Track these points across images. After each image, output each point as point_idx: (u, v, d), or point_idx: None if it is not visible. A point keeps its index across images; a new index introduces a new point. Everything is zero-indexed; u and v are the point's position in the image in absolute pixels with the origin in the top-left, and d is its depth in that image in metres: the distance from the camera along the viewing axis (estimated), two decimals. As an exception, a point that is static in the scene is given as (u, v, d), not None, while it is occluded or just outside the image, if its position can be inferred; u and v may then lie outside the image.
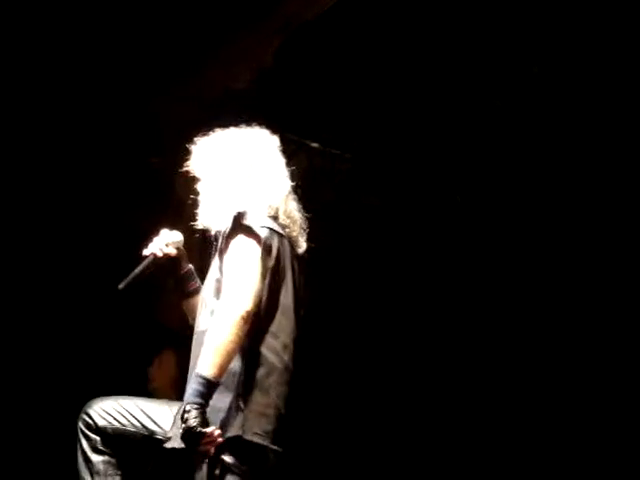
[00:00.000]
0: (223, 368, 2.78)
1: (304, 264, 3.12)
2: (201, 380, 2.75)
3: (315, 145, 4.53)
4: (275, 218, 3.05)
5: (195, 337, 3.05)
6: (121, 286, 3.07)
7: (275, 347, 2.94)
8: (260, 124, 3.20)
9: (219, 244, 3.00)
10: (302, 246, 3.13)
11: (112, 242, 4.74)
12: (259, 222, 2.96)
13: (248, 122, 3.19)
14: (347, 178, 4.87)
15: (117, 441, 3.07)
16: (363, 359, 5.03)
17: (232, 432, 2.83)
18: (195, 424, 2.72)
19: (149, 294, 4.50)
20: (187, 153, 3.18)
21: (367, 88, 5.00)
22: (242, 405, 2.86)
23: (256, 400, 2.88)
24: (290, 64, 4.97)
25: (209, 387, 2.76)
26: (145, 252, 3.17)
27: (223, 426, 2.82)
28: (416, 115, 5.03)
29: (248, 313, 2.81)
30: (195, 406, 2.74)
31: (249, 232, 2.93)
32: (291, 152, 3.23)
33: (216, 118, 3.31)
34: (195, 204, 3.17)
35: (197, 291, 3.22)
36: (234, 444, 2.84)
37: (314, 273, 3.15)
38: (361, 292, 5.11)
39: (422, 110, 5.03)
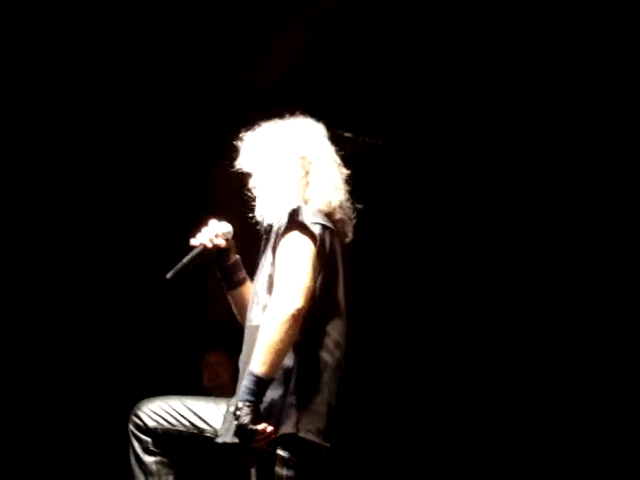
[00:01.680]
0: (275, 366, 2.78)
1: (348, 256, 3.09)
2: (253, 378, 2.76)
3: (348, 135, 4.50)
4: (329, 213, 3.03)
5: (247, 332, 3.04)
6: (169, 275, 3.05)
7: (328, 344, 2.93)
8: (301, 114, 3.17)
9: (272, 239, 2.98)
10: (349, 237, 3.11)
11: (161, 235, 4.74)
12: (313, 218, 2.94)
13: (290, 113, 3.17)
14: (381, 166, 4.84)
15: (168, 441, 3.07)
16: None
17: (286, 429, 2.82)
18: (247, 421, 2.72)
19: (198, 289, 4.52)
20: (233, 150, 3.16)
21: (397, 74, 4.98)
22: (296, 402, 2.85)
23: (310, 397, 2.87)
24: (319, 56, 4.96)
25: (261, 385, 2.76)
26: (194, 242, 3.15)
27: (277, 423, 2.82)
28: (446, 101, 5.00)
29: (299, 311, 2.80)
30: (247, 403, 2.74)
31: (303, 229, 2.91)
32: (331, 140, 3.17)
33: (251, 115, 3.27)
34: (246, 199, 3.15)
35: (243, 282, 3.21)
36: (288, 441, 2.83)
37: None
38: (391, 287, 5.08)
39: (451, 96, 5.00)
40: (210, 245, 3.14)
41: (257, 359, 2.76)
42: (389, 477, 4.89)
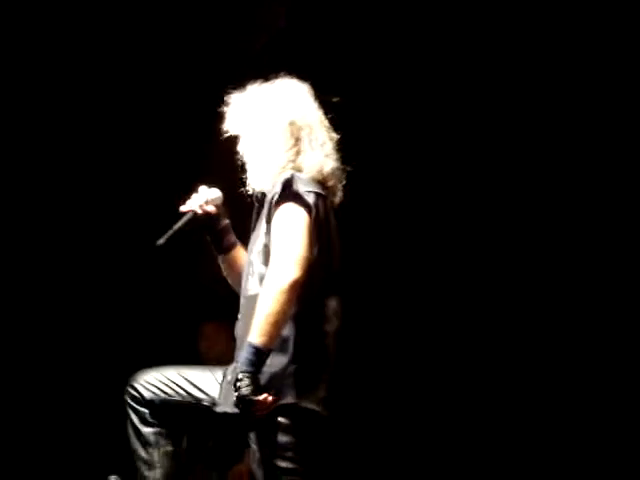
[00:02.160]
0: (274, 337, 2.77)
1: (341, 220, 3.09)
2: (252, 349, 2.75)
3: (336, 99, 4.46)
4: (322, 180, 3.01)
5: (244, 302, 3.03)
6: (160, 242, 3.04)
7: (326, 313, 2.94)
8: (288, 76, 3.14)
9: (266, 209, 2.97)
10: (338, 199, 3.10)
11: (153, 202, 4.71)
12: (307, 187, 2.93)
13: (277, 75, 3.14)
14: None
15: (165, 411, 3.07)
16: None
17: (287, 399, 2.83)
18: (248, 392, 2.73)
19: (191, 257, 4.50)
20: (220, 115, 3.13)
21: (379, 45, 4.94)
22: (296, 372, 2.85)
23: (310, 367, 2.88)
24: (302, 24, 4.92)
25: (260, 355, 2.76)
26: (183, 209, 3.14)
27: (278, 392, 2.82)
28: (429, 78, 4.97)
29: (297, 281, 2.79)
30: (247, 374, 2.74)
31: (298, 199, 2.90)
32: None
33: (237, 79, 3.24)
34: (236, 168, 3.14)
35: (234, 246, 3.20)
36: (289, 409, 2.84)
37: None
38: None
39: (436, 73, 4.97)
40: (200, 212, 3.13)
41: (256, 330, 2.76)
42: (387, 448, 4.88)
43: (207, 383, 3.06)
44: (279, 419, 2.83)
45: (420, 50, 4.88)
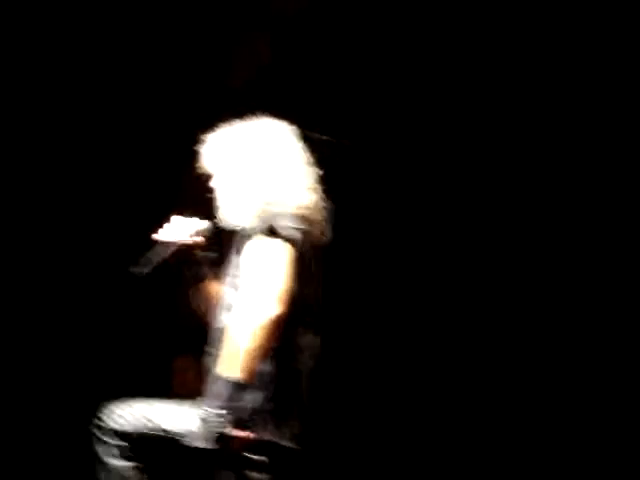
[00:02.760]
0: (253, 372, 2.76)
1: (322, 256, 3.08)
2: (230, 384, 2.74)
3: (316, 135, 4.48)
4: (303, 215, 3.01)
5: (215, 334, 3.02)
6: (144, 270, 3.02)
7: (303, 352, 2.96)
8: (265, 116, 3.16)
9: (240, 242, 2.97)
10: (325, 238, 3.10)
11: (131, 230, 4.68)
12: (287, 222, 2.93)
13: (254, 115, 3.15)
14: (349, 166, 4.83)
15: (137, 444, 3.04)
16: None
17: (265, 436, 2.83)
18: (224, 427, 2.71)
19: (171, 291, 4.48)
20: (197, 152, 3.14)
21: (363, 76, 4.97)
22: (274, 408, 2.85)
23: (286, 404, 2.89)
24: (286, 59, 4.94)
25: (238, 390, 2.74)
26: (165, 237, 3.12)
27: (255, 429, 2.81)
28: (416, 105, 4.99)
29: (279, 317, 2.79)
30: (224, 409, 2.72)
31: (279, 234, 2.90)
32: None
33: (217, 116, 3.25)
34: (208, 200, 3.13)
35: (209, 278, 3.19)
36: (265, 446, 2.84)
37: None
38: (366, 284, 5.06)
39: (421, 101, 4.99)
40: (191, 243, 3.13)
41: (235, 364, 2.74)
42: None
43: (180, 417, 3.03)
44: (254, 456, 2.82)
45: (408, 89, 4.90)
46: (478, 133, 4.92)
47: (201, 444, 2.83)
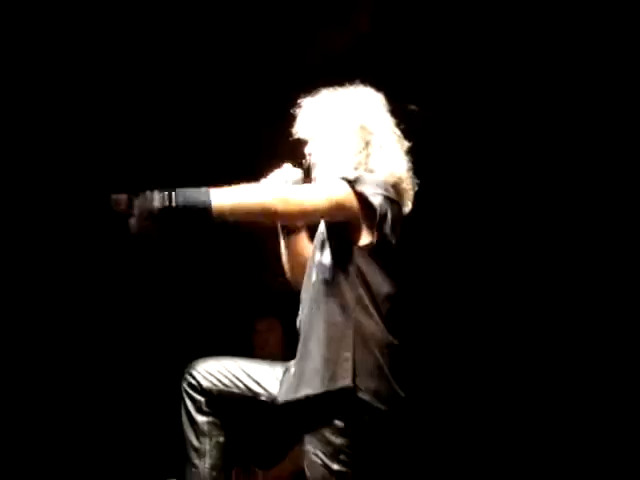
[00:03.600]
0: (221, 213, 2.68)
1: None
2: (207, 195, 2.67)
3: (414, 108, 4.48)
4: (394, 183, 3.01)
5: (305, 295, 3.05)
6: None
7: (378, 315, 2.93)
8: (363, 83, 3.17)
9: None
10: (409, 207, 3.10)
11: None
12: (376, 189, 2.92)
13: (351, 83, 3.17)
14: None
15: (221, 402, 3.10)
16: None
17: (343, 382, 2.84)
18: (155, 204, 2.62)
19: (254, 255, 4.52)
20: (292, 117, 3.16)
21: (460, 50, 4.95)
22: (352, 357, 2.86)
23: (363, 359, 2.88)
24: (387, 29, 4.94)
25: (199, 200, 2.66)
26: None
27: (333, 377, 2.84)
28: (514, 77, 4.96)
29: (278, 215, 2.78)
30: (167, 195, 2.64)
31: (360, 198, 2.89)
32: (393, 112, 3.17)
33: (317, 83, 3.27)
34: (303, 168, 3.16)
35: (299, 231, 3.20)
36: (344, 397, 2.85)
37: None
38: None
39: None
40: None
41: (227, 198, 2.68)
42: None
43: (265, 377, 3.09)
44: (336, 421, 2.85)
45: (499, 63, 4.87)
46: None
47: (284, 397, 2.90)
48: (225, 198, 2.70)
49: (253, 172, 3.08)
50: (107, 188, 2.74)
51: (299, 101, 3.17)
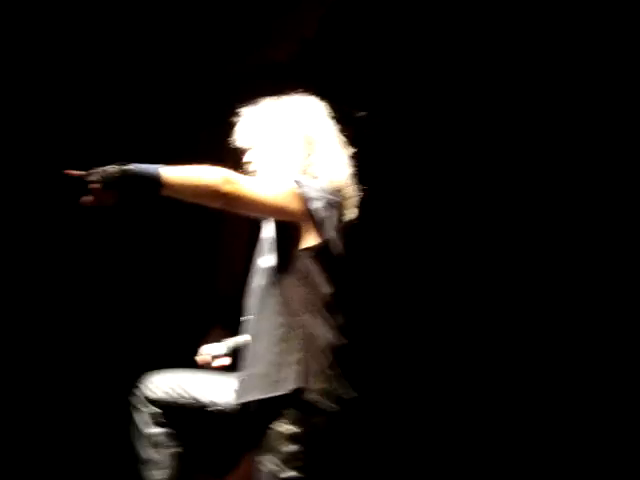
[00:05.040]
0: (175, 186, 2.72)
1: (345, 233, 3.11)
2: (156, 170, 2.70)
3: (362, 114, 4.50)
4: (337, 188, 3.03)
5: (250, 300, 3.06)
6: None
7: (325, 316, 2.95)
8: (305, 92, 3.18)
9: None
10: (351, 215, 3.12)
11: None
12: (318, 193, 2.94)
13: (292, 91, 3.18)
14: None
15: (173, 414, 3.10)
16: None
17: (292, 385, 2.86)
18: (110, 173, 2.67)
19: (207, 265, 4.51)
20: (232, 125, 3.17)
21: (405, 56, 4.97)
22: (299, 362, 2.88)
23: (313, 360, 2.90)
24: (331, 35, 4.95)
25: (151, 175, 2.70)
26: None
27: (281, 379, 2.86)
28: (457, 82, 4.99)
29: (223, 194, 2.77)
30: (123, 166, 2.70)
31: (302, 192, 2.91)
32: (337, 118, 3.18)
33: (257, 89, 3.27)
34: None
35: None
36: (293, 399, 2.86)
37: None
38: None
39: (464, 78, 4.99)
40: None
41: (177, 169, 2.73)
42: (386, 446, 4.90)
43: (215, 387, 3.10)
44: (286, 425, 2.86)
45: (447, 74, 4.90)
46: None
47: (242, 398, 2.90)
48: (176, 171, 2.73)
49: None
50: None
51: (240, 109, 3.17)
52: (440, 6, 4.85)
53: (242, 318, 3.11)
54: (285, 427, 2.86)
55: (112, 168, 2.69)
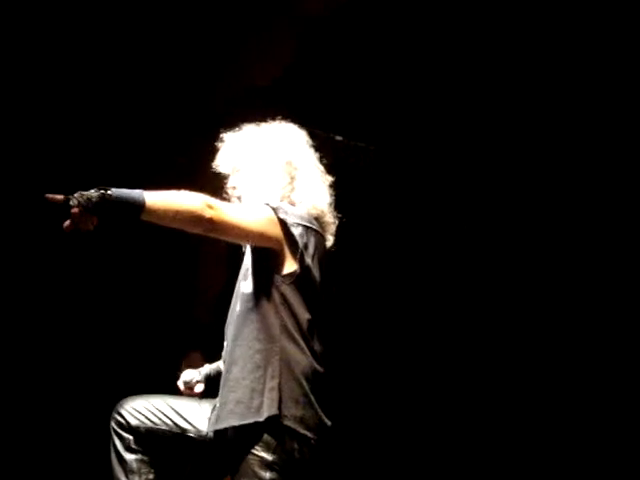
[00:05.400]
0: (158, 211, 2.72)
1: (329, 258, 3.12)
2: (139, 195, 2.70)
3: (339, 138, 4.51)
4: (317, 215, 3.06)
5: (229, 328, 3.06)
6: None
7: (302, 346, 2.95)
8: (286, 119, 3.20)
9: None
10: (330, 240, 3.14)
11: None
12: (297, 219, 2.96)
13: (274, 117, 3.19)
14: (371, 171, 4.86)
15: (150, 439, 3.09)
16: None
17: (270, 411, 2.85)
18: (88, 199, 2.66)
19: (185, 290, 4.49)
20: (214, 150, 3.18)
21: (388, 80, 4.99)
22: (277, 386, 2.87)
23: (289, 387, 2.90)
24: (312, 60, 4.97)
25: (133, 200, 2.69)
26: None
27: (258, 405, 2.85)
28: (438, 107, 5.01)
29: (205, 221, 2.77)
30: (103, 191, 2.68)
31: (280, 217, 2.93)
32: (316, 146, 3.19)
33: (241, 115, 3.28)
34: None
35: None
36: (270, 425, 2.85)
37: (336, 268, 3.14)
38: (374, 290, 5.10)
39: (444, 102, 5.01)
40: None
41: (158, 195, 2.72)
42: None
43: (192, 413, 3.09)
44: (263, 454, 2.85)
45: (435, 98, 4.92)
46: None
47: (219, 425, 2.90)
48: (157, 196, 2.73)
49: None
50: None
51: (222, 135, 3.18)
52: (421, 29, 4.87)
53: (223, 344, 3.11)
54: (261, 454, 2.85)
55: (92, 193, 2.67)
